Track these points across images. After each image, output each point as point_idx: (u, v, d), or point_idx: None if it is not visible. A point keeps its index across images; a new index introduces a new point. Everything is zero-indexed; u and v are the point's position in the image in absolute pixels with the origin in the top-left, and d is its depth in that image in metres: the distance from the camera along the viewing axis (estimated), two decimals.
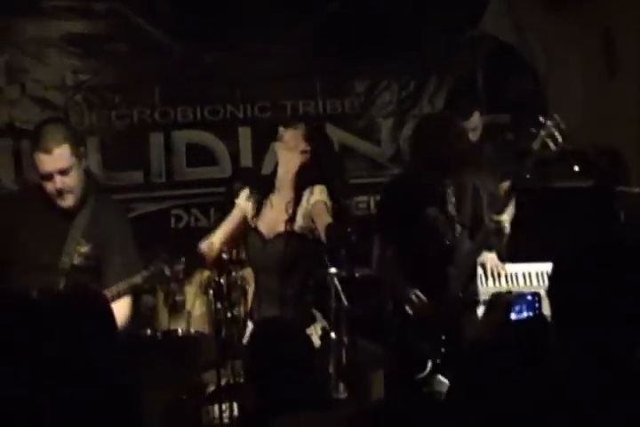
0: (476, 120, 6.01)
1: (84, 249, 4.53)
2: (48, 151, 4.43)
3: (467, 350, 3.46)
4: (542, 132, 4.98)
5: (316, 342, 4.65)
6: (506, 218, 4.91)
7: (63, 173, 4.45)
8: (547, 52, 7.28)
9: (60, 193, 4.46)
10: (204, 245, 4.84)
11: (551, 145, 5.08)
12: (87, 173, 4.69)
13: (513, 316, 3.25)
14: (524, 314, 3.26)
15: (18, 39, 6.79)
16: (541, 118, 5.00)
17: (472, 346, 3.38)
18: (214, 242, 4.84)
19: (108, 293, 4.35)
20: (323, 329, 4.79)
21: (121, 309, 4.38)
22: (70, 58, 6.89)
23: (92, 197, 4.63)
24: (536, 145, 5.06)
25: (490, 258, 5.62)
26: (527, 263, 5.72)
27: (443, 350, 4.83)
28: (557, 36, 7.27)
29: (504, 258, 5.63)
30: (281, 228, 4.78)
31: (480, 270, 5.53)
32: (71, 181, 4.48)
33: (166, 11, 6.90)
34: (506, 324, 3.25)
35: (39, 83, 6.87)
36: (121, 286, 4.43)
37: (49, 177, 4.46)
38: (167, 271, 4.51)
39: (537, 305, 3.29)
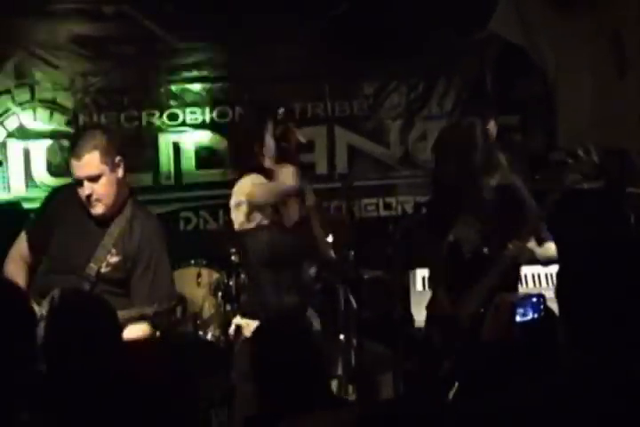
0: (491, 127, 5.98)
1: (114, 260, 4.45)
2: (78, 157, 4.42)
3: (473, 352, 3.47)
4: (575, 166, 4.85)
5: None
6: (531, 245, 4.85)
7: (92, 180, 4.41)
8: (556, 52, 7.26)
9: (89, 199, 4.43)
10: None
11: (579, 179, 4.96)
12: (124, 183, 4.58)
13: (518, 318, 3.24)
14: (529, 316, 3.25)
15: (27, 42, 6.81)
16: (580, 151, 4.87)
17: (478, 347, 3.39)
18: None
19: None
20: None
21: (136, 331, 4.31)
22: (79, 60, 6.90)
23: (130, 209, 4.56)
24: (566, 180, 4.94)
25: None
26: (536, 265, 5.71)
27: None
28: (566, 37, 7.25)
29: None
30: (296, 218, 4.72)
31: None
32: (100, 188, 4.42)
33: (174, 13, 6.91)
34: (511, 326, 3.24)
35: (48, 85, 6.88)
36: (133, 312, 4.33)
37: (80, 183, 4.45)
38: (179, 313, 4.46)
39: (542, 307, 3.28)
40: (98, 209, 4.45)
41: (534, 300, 3.28)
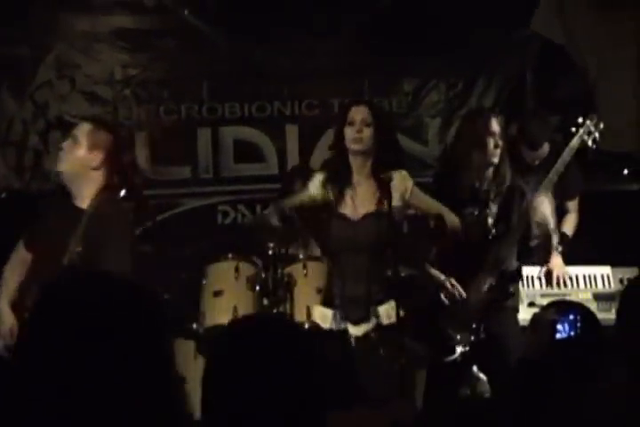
0: (545, 149, 5.92)
1: (79, 249, 4.50)
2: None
3: (514, 370, 3.47)
4: (581, 131, 4.99)
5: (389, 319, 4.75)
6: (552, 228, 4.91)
7: None
8: (597, 52, 7.22)
9: None
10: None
11: (589, 144, 5.09)
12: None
13: (558, 335, 3.25)
14: (570, 333, 3.25)
15: (68, 34, 6.86)
16: (580, 118, 5.00)
17: (519, 365, 3.39)
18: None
19: None
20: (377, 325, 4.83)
21: None
22: (120, 53, 6.94)
23: (102, 196, 4.67)
24: (575, 143, 5.08)
25: (557, 265, 5.62)
26: (573, 266, 5.71)
27: (472, 338, 4.86)
28: (608, 37, 7.21)
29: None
30: (370, 209, 4.83)
31: (542, 274, 5.57)
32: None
33: (216, 7, 6.93)
34: (551, 344, 3.25)
35: (89, 77, 6.93)
36: None
37: None
38: None
39: (578, 324, 3.28)
40: None
41: (572, 316, 3.28)
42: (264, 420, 2.01)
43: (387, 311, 4.78)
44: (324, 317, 4.88)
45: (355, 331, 4.79)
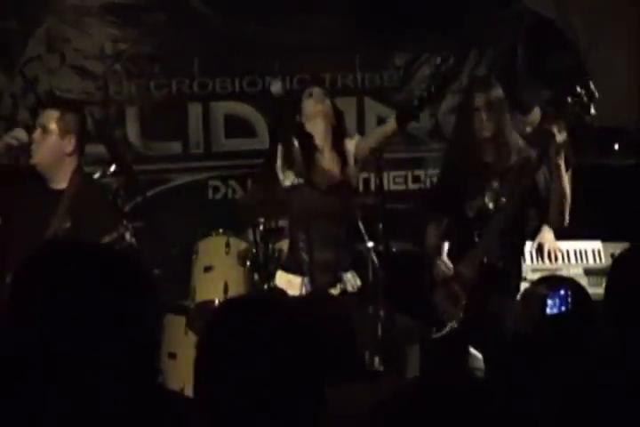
0: (536, 114, 5.95)
1: (67, 225, 4.55)
2: None
3: (505, 344, 3.48)
4: (575, 100, 4.98)
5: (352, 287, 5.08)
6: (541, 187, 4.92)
7: None
8: (589, 26, 7.20)
9: None
10: None
11: (583, 113, 5.07)
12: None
13: (548, 310, 3.26)
14: (561, 308, 3.26)
15: (58, 8, 6.80)
16: (578, 88, 4.99)
17: (510, 340, 3.40)
18: None
19: None
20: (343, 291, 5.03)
21: None
22: (110, 27, 6.89)
23: (78, 176, 4.71)
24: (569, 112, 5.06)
25: (548, 239, 5.62)
26: (564, 241, 5.71)
27: (461, 314, 4.88)
28: (600, 11, 7.19)
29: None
30: (336, 178, 5.09)
31: (534, 249, 5.56)
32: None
33: None
34: (542, 319, 3.26)
35: (79, 52, 6.87)
36: None
37: None
38: (128, 237, 4.49)
39: (569, 299, 3.29)
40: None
41: (563, 291, 3.29)
42: (260, 402, 2.01)
43: (352, 279, 5.04)
44: (289, 283, 4.98)
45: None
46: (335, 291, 4.97)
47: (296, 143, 5.09)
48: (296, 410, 2.02)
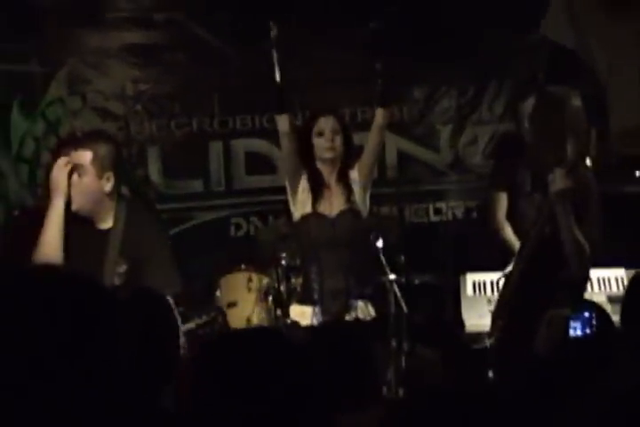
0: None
1: (123, 269, 4.47)
2: None
3: (527, 367, 3.45)
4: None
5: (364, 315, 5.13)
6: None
7: None
8: (607, 55, 7.18)
9: None
10: None
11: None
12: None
13: (571, 333, 3.23)
14: (583, 331, 3.23)
15: (79, 50, 6.88)
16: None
17: (532, 363, 3.37)
18: None
19: None
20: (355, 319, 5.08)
21: None
22: (130, 68, 6.96)
23: (124, 210, 4.61)
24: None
25: None
26: None
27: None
28: (618, 40, 7.17)
29: None
30: (344, 207, 5.24)
31: None
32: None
33: (224, 19, 6.93)
34: (565, 341, 3.24)
35: (100, 93, 6.94)
36: None
37: None
38: (220, 319, 4.48)
39: (593, 322, 3.26)
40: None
41: (587, 314, 3.26)
42: None
43: (363, 307, 5.10)
44: (302, 314, 4.98)
45: None
46: (348, 318, 5.01)
47: (304, 178, 5.22)
48: None
